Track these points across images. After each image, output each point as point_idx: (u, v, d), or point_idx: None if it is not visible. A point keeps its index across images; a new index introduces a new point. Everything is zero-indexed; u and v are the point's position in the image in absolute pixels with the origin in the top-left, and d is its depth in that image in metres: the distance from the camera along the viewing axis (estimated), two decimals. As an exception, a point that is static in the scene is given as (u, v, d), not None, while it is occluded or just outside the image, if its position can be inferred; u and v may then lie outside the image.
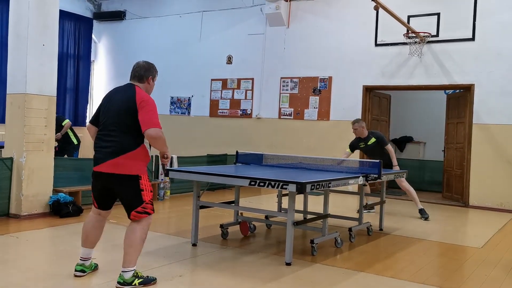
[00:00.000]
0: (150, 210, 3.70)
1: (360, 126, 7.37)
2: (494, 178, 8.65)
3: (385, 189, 6.62)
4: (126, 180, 3.62)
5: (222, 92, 11.69)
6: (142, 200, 3.65)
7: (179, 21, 12.40)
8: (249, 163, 6.24)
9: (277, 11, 10.61)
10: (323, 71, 10.39)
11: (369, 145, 7.36)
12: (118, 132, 3.63)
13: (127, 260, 3.63)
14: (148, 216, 3.69)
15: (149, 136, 3.62)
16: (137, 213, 3.64)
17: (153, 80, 3.95)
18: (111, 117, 3.69)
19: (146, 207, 3.66)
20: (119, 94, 3.78)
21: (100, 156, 3.67)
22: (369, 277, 4.28)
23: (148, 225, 3.73)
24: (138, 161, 3.67)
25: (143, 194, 3.65)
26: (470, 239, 6.36)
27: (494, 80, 8.72)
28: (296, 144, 10.40)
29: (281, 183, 4.24)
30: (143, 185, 3.66)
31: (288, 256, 4.48)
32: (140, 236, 3.65)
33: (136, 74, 3.87)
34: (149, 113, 3.62)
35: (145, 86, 3.87)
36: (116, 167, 3.60)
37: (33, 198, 6.18)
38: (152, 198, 3.78)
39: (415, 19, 9.22)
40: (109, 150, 3.63)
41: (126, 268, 3.62)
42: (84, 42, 13.23)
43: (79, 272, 3.87)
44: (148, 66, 3.93)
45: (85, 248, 3.89)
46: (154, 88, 4.06)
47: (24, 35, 6.09)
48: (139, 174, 3.65)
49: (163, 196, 8.16)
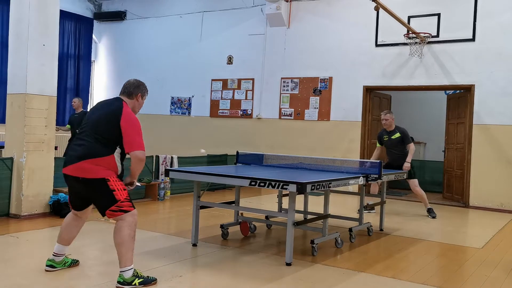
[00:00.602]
0: (127, 208, 3.66)
1: (391, 118, 7.50)
2: (495, 178, 8.65)
3: (386, 189, 6.62)
4: (92, 184, 3.62)
5: (223, 93, 11.69)
6: (116, 199, 3.62)
7: (179, 21, 12.40)
8: (249, 163, 6.24)
9: (277, 11, 10.61)
10: (324, 71, 10.39)
11: (393, 139, 7.44)
12: (91, 138, 3.67)
13: (122, 260, 3.63)
14: (126, 213, 3.64)
15: (137, 158, 3.66)
16: (112, 212, 3.63)
17: (142, 98, 3.97)
18: (89, 124, 3.75)
19: (121, 206, 3.63)
20: (105, 104, 3.87)
21: (68, 159, 3.72)
22: (370, 278, 4.28)
23: (134, 222, 3.69)
24: (105, 168, 3.64)
25: (116, 194, 3.62)
26: (471, 239, 6.36)
27: (494, 81, 8.72)
28: (297, 144, 10.40)
29: (282, 183, 4.24)
30: (113, 186, 3.63)
31: (288, 256, 4.48)
32: (128, 233, 3.62)
33: (125, 90, 3.92)
34: (138, 135, 3.68)
35: (133, 103, 3.90)
36: (81, 171, 3.61)
37: (33, 198, 6.18)
38: (128, 196, 3.71)
39: (415, 20, 9.22)
40: (77, 154, 3.67)
41: (124, 268, 3.62)
42: (85, 42, 13.23)
43: (48, 267, 3.92)
44: (138, 83, 3.97)
45: (58, 244, 3.95)
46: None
47: (25, 35, 6.10)
48: (105, 177, 3.63)
49: (163, 196, 8.16)
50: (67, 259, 4.04)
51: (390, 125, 7.52)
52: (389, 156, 7.63)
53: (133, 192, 7.84)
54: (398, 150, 7.44)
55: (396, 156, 7.44)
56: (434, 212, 7.45)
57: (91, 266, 4.39)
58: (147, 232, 5.65)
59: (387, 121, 7.50)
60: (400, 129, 7.55)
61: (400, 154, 7.41)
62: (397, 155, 7.44)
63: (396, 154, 7.46)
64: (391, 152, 7.55)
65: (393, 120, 7.55)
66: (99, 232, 5.67)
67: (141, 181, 7.83)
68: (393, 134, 7.48)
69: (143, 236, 5.46)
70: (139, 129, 3.71)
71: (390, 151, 7.58)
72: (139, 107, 3.98)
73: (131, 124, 3.66)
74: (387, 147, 7.66)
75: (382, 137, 7.63)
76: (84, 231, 5.56)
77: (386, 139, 7.56)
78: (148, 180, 7.96)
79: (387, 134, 7.56)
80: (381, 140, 7.68)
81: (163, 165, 8.44)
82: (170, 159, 8.66)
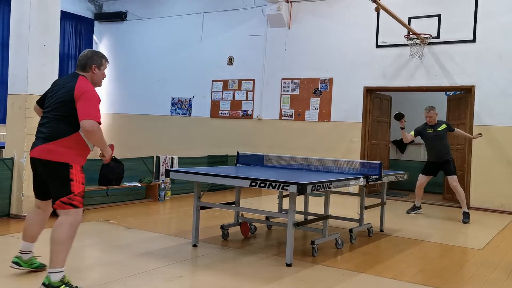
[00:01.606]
0: (77, 203, 3.49)
1: (434, 113, 7.58)
2: (495, 179, 8.64)
3: (386, 190, 6.62)
4: (55, 166, 3.47)
5: (223, 93, 11.70)
6: (70, 190, 3.46)
7: (180, 22, 12.41)
8: (249, 164, 6.25)
9: (278, 12, 10.61)
10: (324, 72, 10.39)
11: (439, 131, 7.52)
12: (54, 120, 3.54)
13: (53, 259, 3.39)
14: (75, 209, 3.47)
15: (83, 129, 3.43)
16: (61, 203, 3.45)
17: (98, 69, 3.72)
18: (51, 105, 3.61)
19: (73, 199, 3.46)
20: (62, 82, 3.68)
21: (35, 142, 3.60)
22: (370, 278, 4.28)
23: (78, 222, 3.49)
24: (71, 150, 3.51)
25: (72, 185, 3.47)
26: (471, 240, 6.35)
27: (494, 82, 8.72)
28: (297, 145, 10.40)
29: (282, 184, 4.24)
30: (73, 175, 3.48)
31: (288, 257, 4.48)
32: (67, 232, 3.42)
33: (78, 63, 3.71)
34: (87, 103, 3.44)
35: (90, 76, 3.69)
36: (47, 153, 3.48)
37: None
38: (83, 192, 3.57)
39: (416, 21, 9.22)
40: (43, 136, 3.55)
41: (53, 269, 3.38)
42: (85, 42, 13.24)
43: (14, 263, 3.83)
44: (91, 54, 3.73)
45: (24, 242, 3.86)
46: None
47: (26, 35, 6.10)
48: (70, 163, 3.48)
49: (163, 197, 8.16)
50: (34, 260, 3.91)
51: (434, 121, 7.57)
52: (433, 152, 7.61)
53: (133, 193, 7.86)
54: (444, 143, 7.52)
55: (444, 150, 7.49)
56: (469, 217, 7.34)
57: (91, 267, 4.39)
58: (147, 233, 5.65)
59: (431, 118, 7.55)
60: (443, 121, 7.74)
61: (445, 147, 7.52)
62: (442, 150, 7.48)
63: (443, 147, 7.50)
64: (437, 144, 7.53)
65: (437, 115, 7.64)
66: (99, 233, 5.67)
67: (142, 182, 7.84)
68: (438, 126, 7.54)
69: (144, 236, 5.47)
70: (93, 99, 3.49)
71: (435, 144, 7.55)
72: (98, 79, 3.76)
73: (84, 96, 3.45)
74: (431, 141, 7.61)
75: (425, 130, 7.62)
76: (84, 231, 5.57)
77: (430, 131, 7.56)
78: (149, 180, 7.96)
79: (431, 128, 7.57)
80: (421, 133, 7.67)
81: (163, 166, 8.44)
82: (170, 159, 8.66)
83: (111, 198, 7.43)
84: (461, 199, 7.48)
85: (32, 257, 3.91)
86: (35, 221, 3.85)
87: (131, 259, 4.48)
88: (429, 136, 7.61)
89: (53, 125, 3.54)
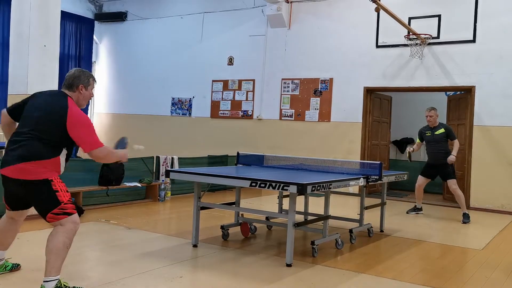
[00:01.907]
0: (71, 210, 3.39)
1: (435, 114, 7.54)
2: (495, 179, 8.64)
3: (386, 190, 6.62)
4: (33, 185, 3.33)
5: (223, 93, 11.70)
6: (59, 201, 3.34)
7: (180, 22, 12.41)
8: (250, 164, 6.25)
9: (278, 12, 10.62)
10: (324, 72, 10.40)
11: (436, 135, 7.47)
12: (36, 140, 3.35)
13: (48, 268, 3.31)
14: (69, 217, 3.37)
15: (97, 158, 3.46)
16: (54, 215, 3.34)
17: (85, 89, 3.59)
18: (33, 123, 3.40)
19: (65, 208, 3.36)
20: (47, 101, 3.49)
21: (8, 159, 3.38)
22: (370, 279, 4.28)
23: (74, 230, 3.40)
24: (48, 170, 3.37)
25: (59, 195, 3.35)
26: (471, 241, 6.35)
27: (495, 82, 8.72)
28: (297, 145, 10.40)
29: (282, 184, 4.25)
30: (56, 186, 3.36)
31: (288, 257, 4.49)
32: (62, 241, 3.32)
33: (65, 82, 3.57)
34: (90, 134, 3.41)
35: (76, 96, 3.55)
36: (22, 172, 3.31)
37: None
38: (71, 198, 3.48)
39: (416, 21, 9.22)
40: (17, 153, 3.34)
41: (48, 277, 3.31)
42: (86, 43, 13.24)
43: None
44: (78, 73, 3.59)
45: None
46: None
47: (26, 35, 6.10)
48: (48, 178, 3.35)
49: (163, 197, 8.16)
50: (7, 263, 3.87)
51: (434, 121, 7.54)
52: (431, 155, 7.60)
53: (133, 193, 7.86)
54: (441, 147, 7.44)
55: (440, 155, 7.43)
56: (469, 218, 7.33)
57: (91, 267, 4.40)
58: (147, 233, 5.65)
59: (431, 117, 7.51)
60: (444, 125, 7.65)
61: (444, 152, 7.42)
62: (440, 153, 7.42)
63: (439, 151, 7.44)
64: (433, 148, 7.51)
65: (437, 116, 7.60)
66: (99, 233, 5.67)
67: (142, 182, 7.84)
68: (437, 129, 7.50)
69: (144, 236, 5.47)
70: (89, 126, 3.42)
71: (432, 148, 7.54)
72: (84, 99, 3.61)
73: (80, 125, 3.38)
74: (428, 143, 7.61)
75: (424, 133, 7.62)
76: (84, 232, 5.58)
77: (428, 135, 7.54)
78: (149, 181, 7.96)
79: (429, 130, 7.55)
80: (422, 135, 7.67)
81: (163, 166, 8.44)
82: (170, 159, 8.66)
83: (111, 198, 7.43)
84: (461, 202, 7.48)
85: (4, 261, 3.87)
86: (8, 230, 3.73)
87: (131, 259, 4.48)
88: (426, 138, 7.62)
89: (34, 144, 3.35)
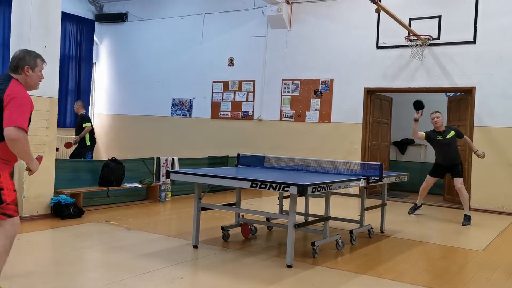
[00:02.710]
0: (12, 212, 3.20)
1: (441, 117, 7.54)
2: (495, 180, 8.64)
3: (386, 191, 6.62)
4: None
5: (224, 94, 11.70)
6: (1, 200, 3.16)
7: (180, 23, 12.42)
8: (250, 165, 6.25)
9: (278, 13, 10.62)
10: (325, 73, 10.40)
11: (449, 138, 7.47)
12: None
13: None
14: (10, 219, 3.19)
15: (7, 137, 3.09)
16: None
17: (32, 70, 3.33)
18: None
19: (6, 208, 3.17)
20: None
21: None
22: (370, 280, 4.27)
23: (14, 233, 3.23)
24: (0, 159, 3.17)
25: (3, 193, 3.16)
26: (471, 242, 6.35)
27: (495, 83, 8.73)
28: (297, 146, 10.40)
29: (283, 185, 4.25)
30: (2, 183, 3.18)
31: (289, 258, 4.48)
32: (2, 244, 3.16)
33: (10, 65, 3.36)
34: (14, 110, 3.09)
35: (23, 78, 3.32)
36: None
37: (34, 199, 6.19)
38: (16, 199, 3.29)
39: (416, 22, 9.23)
40: None
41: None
42: (86, 43, 13.25)
43: None
44: (23, 54, 3.35)
45: None
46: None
47: (26, 36, 6.10)
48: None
49: (164, 198, 8.16)
50: None
51: (441, 125, 7.52)
52: (444, 157, 7.57)
53: (134, 194, 7.86)
54: (454, 148, 7.51)
55: (453, 155, 7.48)
56: (469, 220, 7.27)
57: (91, 268, 4.40)
58: (148, 234, 5.65)
59: (438, 118, 7.49)
60: (451, 127, 7.71)
61: (455, 152, 7.51)
62: (452, 155, 7.48)
63: (453, 152, 7.49)
64: (447, 151, 7.50)
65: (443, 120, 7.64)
66: (100, 234, 5.67)
67: (143, 183, 7.84)
68: (447, 133, 7.49)
69: (144, 237, 5.47)
70: (20, 104, 3.13)
71: (445, 150, 7.52)
72: (33, 81, 3.38)
73: (11, 100, 3.11)
74: (441, 147, 7.56)
75: (435, 136, 7.56)
76: (85, 233, 5.58)
77: (440, 139, 7.49)
78: (149, 181, 7.96)
79: (440, 135, 7.51)
80: (430, 138, 7.61)
81: (164, 167, 8.45)
82: (171, 160, 8.67)
83: (111, 199, 7.43)
84: (465, 202, 7.45)
85: None
86: None
87: (131, 260, 4.48)
88: (439, 143, 7.57)
89: None
